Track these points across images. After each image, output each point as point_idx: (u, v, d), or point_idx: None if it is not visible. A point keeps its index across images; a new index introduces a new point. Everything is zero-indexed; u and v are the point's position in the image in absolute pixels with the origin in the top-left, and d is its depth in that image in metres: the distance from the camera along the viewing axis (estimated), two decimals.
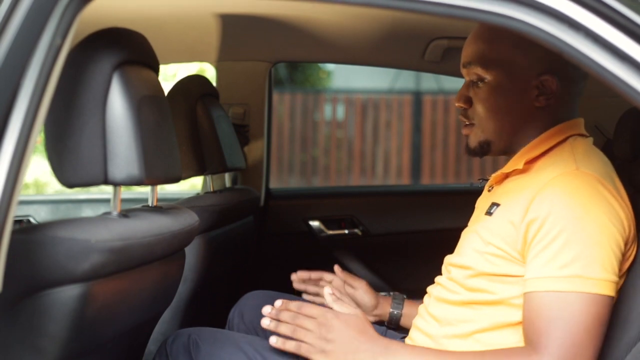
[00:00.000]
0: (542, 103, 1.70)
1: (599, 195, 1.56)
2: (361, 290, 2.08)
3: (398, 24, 2.67)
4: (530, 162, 1.70)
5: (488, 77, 1.72)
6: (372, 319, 2.08)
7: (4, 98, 1.23)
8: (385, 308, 2.07)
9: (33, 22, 1.26)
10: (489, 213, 1.71)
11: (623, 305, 1.59)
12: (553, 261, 1.54)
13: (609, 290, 1.53)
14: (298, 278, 2.15)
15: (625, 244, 1.59)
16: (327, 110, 9.99)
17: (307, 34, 2.84)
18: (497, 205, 1.69)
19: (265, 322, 1.67)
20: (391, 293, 2.13)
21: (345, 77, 10.54)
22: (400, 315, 2.06)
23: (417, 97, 9.86)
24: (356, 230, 3.27)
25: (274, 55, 3.15)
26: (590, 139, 1.74)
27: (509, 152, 1.77)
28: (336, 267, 2.13)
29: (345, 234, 3.28)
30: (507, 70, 1.70)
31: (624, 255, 1.59)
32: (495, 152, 1.77)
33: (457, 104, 1.79)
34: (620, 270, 1.58)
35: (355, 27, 2.75)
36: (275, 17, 2.73)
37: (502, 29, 1.68)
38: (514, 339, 1.63)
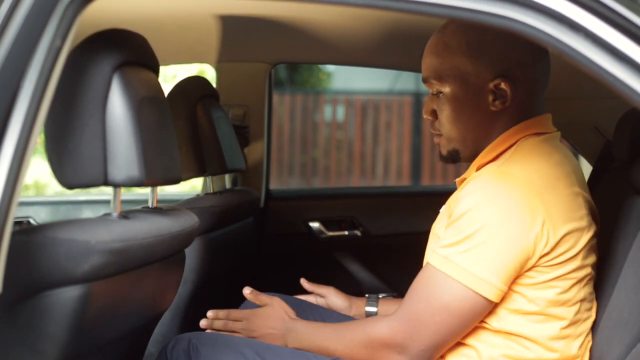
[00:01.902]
0: (499, 107, 1.71)
1: (505, 196, 1.58)
2: (331, 296, 2.12)
3: (398, 25, 2.67)
4: (481, 168, 1.72)
5: (444, 89, 1.74)
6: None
7: (4, 99, 1.23)
8: (361, 308, 2.11)
9: (33, 24, 1.26)
10: (439, 212, 1.80)
11: (623, 307, 1.59)
12: (442, 240, 1.62)
13: (481, 289, 1.56)
14: None
15: (534, 248, 1.57)
16: (327, 112, 9.99)
17: (307, 35, 2.84)
18: (445, 204, 1.78)
19: (203, 323, 1.91)
20: (367, 295, 2.16)
21: (345, 78, 10.54)
22: (376, 313, 2.11)
23: (417, 98, 9.85)
24: (356, 232, 3.27)
25: (274, 57, 3.15)
26: (548, 136, 1.72)
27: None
28: (302, 281, 2.16)
29: (345, 235, 3.27)
30: (460, 80, 1.72)
31: (544, 254, 1.58)
32: (464, 158, 1.79)
33: (424, 116, 1.81)
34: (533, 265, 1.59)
35: (355, 29, 2.75)
36: (275, 18, 2.73)
37: (450, 40, 1.70)
38: (495, 339, 1.64)
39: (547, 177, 1.63)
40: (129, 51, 1.50)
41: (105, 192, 3.75)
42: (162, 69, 1.71)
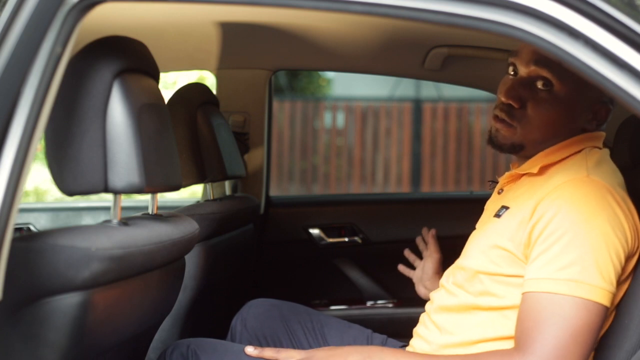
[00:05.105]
0: (592, 127, 1.72)
1: (605, 204, 1.57)
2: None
3: (398, 32, 2.68)
4: (545, 168, 1.70)
5: (558, 87, 1.67)
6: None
7: (5, 106, 1.23)
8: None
9: (34, 31, 1.26)
10: (497, 215, 1.71)
11: (623, 314, 1.59)
12: (552, 263, 1.55)
13: (604, 299, 1.53)
14: None
15: (627, 256, 1.58)
16: (327, 118, 10.00)
17: (307, 42, 2.84)
18: (507, 208, 1.70)
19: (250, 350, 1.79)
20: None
21: (345, 84, 10.55)
22: None
23: (417, 104, 9.86)
24: (356, 238, 3.27)
25: (274, 63, 3.15)
26: (606, 151, 1.75)
27: (530, 156, 1.75)
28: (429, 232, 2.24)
29: (345, 241, 3.27)
30: (581, 87, 1.67)
31: (623, 266, 1.58)
32: (522, 155, 1.76)
33: (505, 100, 1.70)
34: (618, 280, 1.57)
35: (355, 35, 2.76)
36: (276, 25, 2.73)
37: None
38: None
39: (625, 192, 1.65)
40: (130, 58, 1.51)
41: (105, 199, 3.75)
42: (162, 76, 1.71)
